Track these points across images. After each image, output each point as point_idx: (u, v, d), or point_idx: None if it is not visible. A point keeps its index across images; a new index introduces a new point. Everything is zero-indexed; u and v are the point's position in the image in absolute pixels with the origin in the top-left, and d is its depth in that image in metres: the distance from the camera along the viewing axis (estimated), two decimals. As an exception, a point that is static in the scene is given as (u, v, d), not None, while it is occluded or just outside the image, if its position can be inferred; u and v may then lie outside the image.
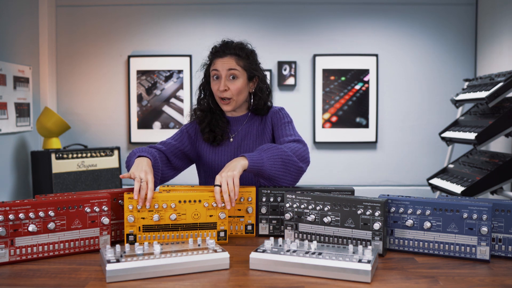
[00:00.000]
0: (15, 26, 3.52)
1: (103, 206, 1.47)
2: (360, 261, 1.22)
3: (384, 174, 4.09)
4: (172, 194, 1.52)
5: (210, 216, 1.55)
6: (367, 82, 4.02)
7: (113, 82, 4.09)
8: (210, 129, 1.91)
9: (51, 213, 1.39)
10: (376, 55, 4.00)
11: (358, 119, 4.03)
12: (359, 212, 1.43)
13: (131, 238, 1.50)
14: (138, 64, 4.03)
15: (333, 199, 1.47)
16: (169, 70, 4.04)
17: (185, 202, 1.52)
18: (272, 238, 1.38)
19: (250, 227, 1.66)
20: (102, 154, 3.74)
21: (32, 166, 3.60)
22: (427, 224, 1.41)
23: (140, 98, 4.04)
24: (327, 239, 1.48)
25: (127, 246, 1.32)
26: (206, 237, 1.54)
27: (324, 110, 4.03)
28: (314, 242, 1.34)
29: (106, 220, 1.47)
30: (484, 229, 1.34)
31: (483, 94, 2.98)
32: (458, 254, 1.39)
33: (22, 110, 3.58)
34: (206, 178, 1.98)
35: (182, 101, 4.05)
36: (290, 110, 2.25)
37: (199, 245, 1.37)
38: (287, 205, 1.54)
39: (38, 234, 1.38)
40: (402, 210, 1.45)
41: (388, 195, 1.51)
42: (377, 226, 1.39)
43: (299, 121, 3.93)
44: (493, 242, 1.42)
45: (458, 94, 3.42)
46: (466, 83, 3.51)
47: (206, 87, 1.95)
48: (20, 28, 3.59)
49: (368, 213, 1.41)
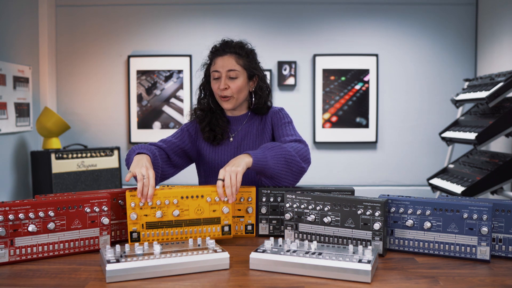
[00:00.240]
0: (15, 26, 3.52)
1: (103, 206, 1.47)
2: (360, 261, 1.22)
3: (384, 174, 4.09)
4: (174, 190, 1.52)
5: (214, 211, 1.54)
6: (367, 82, 4.02)
7: (113, 82, 4.09)
8: (210, 128, 1.91)
9: (51, 213, 1.39)
10: (376, 55, 4.00)
11: (358, 119, 4.03)
12: (359, 212, 1.43)
13: (135, 235, 1.49)
14: (138, 64, 4.03)
15: (333, 199, 1.47)
16: (169, 70, 4.04)
17: (187, 198, 1.52)
18: (272, 238, 1.38)
19: (250, 227, 1.66)
20: (102, 154, 3.73)
21: (32, 166, 3.60)
22: (427, 224, 1.41)
23: (140, 98, 4.04)
24: (327, 239, 1.48)
25: (127, 246, 1.32)
26: (210, 232, 1.53)
27: (324, 110, 4.03)
28: (314, 242, 1.34)
29: (106, 220, 1.47)
30: (484, 229, 1.34)
31: (483, 94, 2.98)
32: (458, 254, 1.39)
33: (22, 110, 3.58)
34: (206, 178, 1.98)
35: (182, 101, 4.05)
36: (290, 110, 2.25)
37: (199, 245, 1.37)
38: (287, 205, 1.54)
39: (38, 234, 1.38)
40: (402, 210, 1.45)
41: (388, 195, 1.51)
42: (377, 226, 1.39)
43: (299, 121, 3.93)
44: (493, 242, 1.42)
45: (458, 94, 3.42)
46: (466, 83, 3.51)
47: (206, 87, 1.95)
48: (20, 28, 3.59)
49: (368, 213, 1.41)
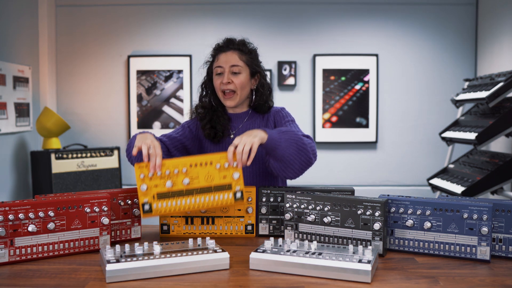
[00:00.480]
0: (15, 26, 3.52)
1: (103, 206, 1.47)
2: (360, 261, 1.22)
3: (384, 174, 4.08)
4: (182, 159, 1.50)
5: (224, 177, 1.51)
6: (367, 82, 4.02)
7: (113, 82, 4.08)
8: (211, 125, 1.92)
9: (51, 213, 1.39)
10: (376, 55, 4.00)
11: (358, 119, 4.03)
12: (359, 212, 1.42)
13: (147, 207, 1.48)
14: (138, 64, 4.03)
15: (333, 199, 1.47)
16: (169, 70, 4.04)
17: (196, 166, 1.49)
18: (272, 238, 1.38)
19: (250, 227, 1.66)
20: (102, 154, 3.73)
21: (32, 166, 3.60)
22: (427, 224, 1.41)
23: (140, 98, 4.04)
24: (327, 239, 1.48)
25: (127, 246, 1.32)
26: (222, 199, 1.50)
27: (324, 110, 4.03)
28: (314, 242, 1.34)
29: (106, 220, 1.47)
30: (484, 229, 1.34)
31: (484, 94, 2.98)
32: (458, 254, 1.39)
33: (22, 110, 3.58)
34: None
35: (182, 101, 4.05)
36: (290, 110, 2.25)
37: (199, 245, 1.37)
38: (287, 205, 1.54)
39: (38, 234, 1.38)
40: (402, 210, 1.45)
41: (388, 195, 1.51)
42: (377, 226, 1.39)
43: (299, 121, 3.90)
44: (493, 242, 1.42)
45: (458, 94, 3.42)
46: (466, 83, 3.51)
47: (208, 85, 1.98)
48: (20, 28, 3.59)
49: (368, 213, 1.41)
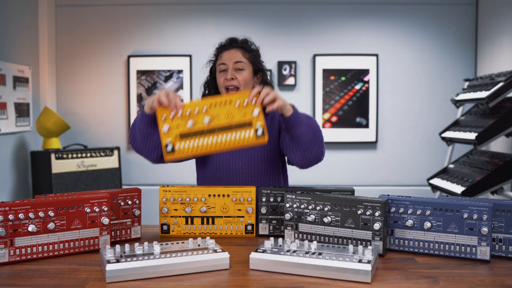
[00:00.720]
0: (15, 26, 3.52)
1: (103, 206, 1.47)
2: (360, 261, 1.22)
3: (384, 174, 4.08)
4: (201, 100, 1.54)
5: (244, 115, 1.52)
6: (367, 82, 4.02)
7: (113, 82, 4.09)
8: None
9: (51, 213, 1.39)
10: (376, 55, 4.00)
11: (358, 119, 4.03)
12: (359, 212, 1.42)
13: (170, 148, 1.49)
14: (138, 64, 4.03)
15: (333, 199, 1.47)
16: (169, 70, 4.04)
17: (216, 105, 1.53)
18: (272, 238, 1.38)
19: (250, 227, 1.66)
20: (102, 154, 3.73)
21: (32, 166, 3.60)
22: (427, 224, 1.41)
23: (140, 98, 4.04)
24: (327, 239, 1.48)
25: (127, 246, 1.32)
26: (244, 137, 1.51)
27: (324, 110, 4.03)
28: (314, 242, 1.34)
29: (106, 220, 1.47)
30: (484, 229, 1.34)
31: (484, 94, 2.98)
32: (458, 254, 1.39)
33: (22, 110, 3.58)
34: (204, 174, 1.98)
35: (182, 101, 4.04)
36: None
37: (199, 245, 1.37)
38: (287, 205, 1.54)
39: (38, 234, 1.38)
40: (402, 210, 1.45)
41: (388, 195, 1.51)
42: (377, 226, 1.39)
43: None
44: (493, 242, 1.42)
45: (458, 94, 3.42)
46: (466, 83, 3.51)
47: (211, 84, 2.00)
48: (20, 28, 3.59)
49: (368, 213, 1.41)
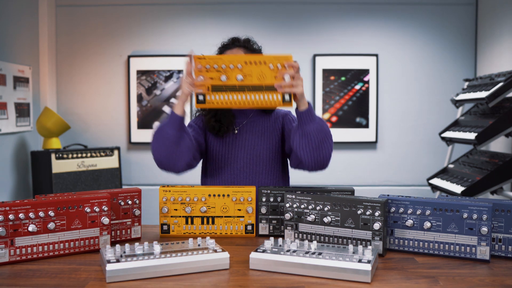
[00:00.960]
0: (15, 26, 3.52)
1: (103, 206, 1.48)
2: (360, 261, 1.22)
3: (384, 174, 4.09)
4: (238, 56, 1.58)
5: (276, 78, 1.58)
6: (367, 82, 4.02)
7: (113, 82, 4.09)
8: (216, 119, 1.93)
9: (51, 213, 1.39)
10: (376, 55, 4.00)
11: (358, 119, 4.03)
12: (359, 212, 1.43)
13: (201, 98, 1.56)
14: (138, 64, 4.03)
15: (333, 199, 1.47)
16: (169, 70, 4.04)
17: (251, 63, 1.57)
18: (272, 238, 1.38)
19: (250, 227, 1.66)
20: (102, 154, 3.74)
21: (32, 166, 3.60)
22: (427, 224, 1.41)
23: (140, 98, 4.04)
24: (327, 239, 1.48)
25: (127, 246, 1.32)
26: (272, 99, 1.59)
27: (324, 110, 4.03)
28: (314, 242, 1.34)
29: (106, 220, 1.47)
30: (484, 229, 1.34)
31: (483, 94, 2.98)
32: (458, 254, 1.39)
33: (22, 110, 3.58)
34: (206, 171, 1.99)
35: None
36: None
37: (199, 245, 1.37)
38: (287, 205, 1.54)
39: (38, 234, 1.38)
40: (402, 210, 1.45)
41: (388, 195, 1.51)
42: (377, 226, 1.39)
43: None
44: (493, 242, 1.42)
45: (458, 94, 3.42)
46: (466, 83, 3.51)
47: None
48: (20, 28, 3.59)
49: (368, 213, 1.41)
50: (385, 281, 1.22)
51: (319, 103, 4.03)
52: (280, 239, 1.39)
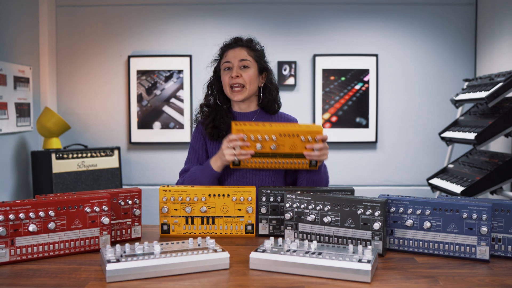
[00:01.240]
0: (15, 26, 3.52)
1: (103, 206, 1.48)
2: (360, 261, 1.23)
3: (384, 174, 4.09)
4: (273, 128, 1.71)
5: (306, 148, 1.71)
6: (367, 82, 4.02)
7: (113, 82, 4.09)
8: (214, 125, 1.92)
9: (51, 213, 1.39)
10: (376, 55, 4.00)
11: (358, 119, 4.03)
12: (359, 212, 1.43)
13: (237, 161, 1.74)
14: (138, 64, 4.03)
15: (333, 199, 1.47)
16: (169, 70, 4.04)
17: (284, 135, 1.70)
18: (272, 238, 1.38)
19: (250, 227, 1.66)
20: (102, 154, 3.74)
21: (32, 166, 3.60)
22: (427, 224, 1.41)
23: (140, 98, 4.04)
24: (327, 239, 1.48)
25: (127, 246, 1.32)
26: (300, 164, 1.74)
27: (324, 110, 4.03)
28: (314, 242, 1.34)
29: (106, 220, 1.47)
30: (483, 229, 1.35)
31: (483, 94, 2.99)
32: (458, 254, 1.39)
33: (22, 110, 3.59)
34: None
35: (182, 101, 4.05)
36: (290, 110, 2.26)
37: (199, 245, 1.37)
38: (287, 205, 1.54)
39: (38, 234, 1.38)
40: (402, 210, 1.45)
41: (388, 195, 1.51)
42: (377, 226, 1.39)
43: (299, 121, 3.92)
44: (492, 242, 1.42)
45: (458, 94, 3.42)
46: (466, 83, 3.51)
47: (214, 84, 1.99)
48: (20, 28, 3.59)
49: (368, 213, 1.41)
50: (385, 281, 1.22)
51: (319, 103, 4.03)
52: (280, 239, 1.39)
